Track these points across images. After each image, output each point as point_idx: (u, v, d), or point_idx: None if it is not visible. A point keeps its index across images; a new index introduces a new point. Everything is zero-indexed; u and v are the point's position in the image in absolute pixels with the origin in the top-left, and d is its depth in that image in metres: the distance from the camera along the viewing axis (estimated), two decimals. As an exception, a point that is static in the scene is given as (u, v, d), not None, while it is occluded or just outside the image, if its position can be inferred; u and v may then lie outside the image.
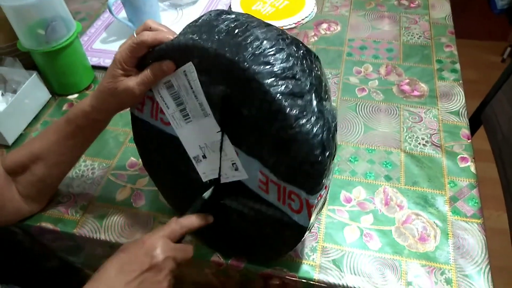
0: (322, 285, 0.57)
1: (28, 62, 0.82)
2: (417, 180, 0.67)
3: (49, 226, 0.64)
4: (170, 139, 0.55)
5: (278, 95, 0.41)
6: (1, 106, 0.75)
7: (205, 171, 0.55)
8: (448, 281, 0.55)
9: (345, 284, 0.56)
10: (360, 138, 0.73)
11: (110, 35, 0.97)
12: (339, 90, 0.82)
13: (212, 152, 0.53)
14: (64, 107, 0.83)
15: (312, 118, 0.42)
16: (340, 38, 0.93)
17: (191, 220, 0.53)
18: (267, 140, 0.45)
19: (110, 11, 0.88)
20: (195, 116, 0.51)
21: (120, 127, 0.78)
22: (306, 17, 0.99)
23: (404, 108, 0.78)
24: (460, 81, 0.82)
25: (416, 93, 0.80)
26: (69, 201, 0.67)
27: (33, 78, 0.79)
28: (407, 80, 0.83)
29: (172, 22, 0.98)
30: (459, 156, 0.69)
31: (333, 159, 0.46)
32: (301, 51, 0.45)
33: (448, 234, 0.60)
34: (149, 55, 0.51)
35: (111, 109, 0.56)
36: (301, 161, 0.43)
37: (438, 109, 0.77)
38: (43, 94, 0.83)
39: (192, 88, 0.49)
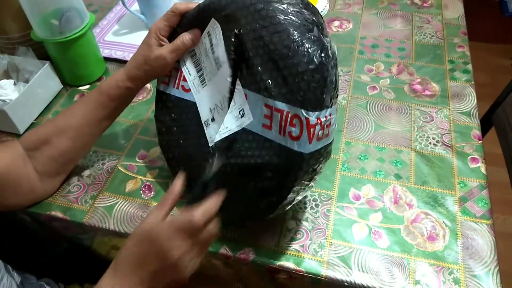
0: (330, 281, 0.57)
1: (41, 52, 0.82)
2: (426, 180, 0.66)
3: (59, 214, 0.65)
4: (189, 106, 0.62)
5: (283, 20, 0.48)
6: (13, 95, 0.76)
7: (212, 135, 0.59)
8: (456, 281, 0.55)
9: (353, 281, 0.56)
10: (370, 136, 0.73)
11: (122, 27, 0.97)
12: (350, 87, 0.82)
13: (221, 111, 0.57)
14: (76, 98, 0.83)
15: (314, 39, 0.48)
16: (352, 36, 0.93)
17: (207, 208, 0.47)
18: (273, 64, 0.49)
19: (123, 3, 0.88)
20: (210, 78, 0.59)
21: (130, 119, 0.78)
22: (318, 14, 0.99)
23: (415, 108, 0.77)
24: (472, 82, 0.81)
25: (427, 92, 0.80)
26: (79, 190, 0.67)
27: (46, 68, 0.80)
28: (419, 80, 0.82)
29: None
30: (470, 156, 0.69)
31: (334, 88, 0.49)
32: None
33: (457, 234, 0.60)
34: (179, 25, 0.60)
35: (144, 76, 0.61)
36: (302, 71, 0.46)
37: (449, 109, 0.76)
38: (55, 84, 0.83)
39: (212, 46, 0.57)
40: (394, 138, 0.73)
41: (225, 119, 0.56)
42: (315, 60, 0.47)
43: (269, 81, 0.49)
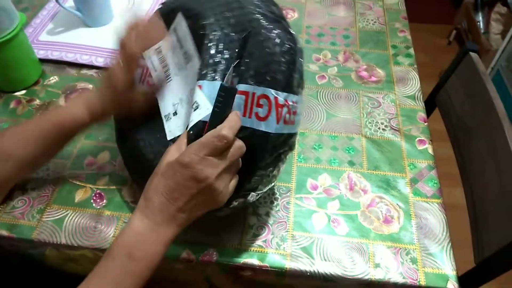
0: (294, 273, 0.57)
1: (-33, 58, 0.75)
2: (378, 164, 0.68)
3: (4, 233, 0.60)
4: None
5: (253, 10, 0.50)
6: None
7: (172, 128, 0.56)
8: (413, 261, 0.58)
9: (316, 271, 0.57)
10: (323, 125, 0.74)
11: (58, 25, 0.91)
12: (299, 77, 0.82)
13: (186, 105, 0.54)
14: (12, 105, 0.77)
15: (283, 27, 0.50)
16: (297, 26, 0.93)
17: (231, 123, 0.44)
18: (240, 47, 0.49)
19: (57, 0, 0.83)
20: (176, 73, 0.57)
21: (74, 124, 0.74)
22: (262, 4, 0.98)
23: (363, 94, 0.79)
24: (415, 66, 0.84)
25: (373, 78, 0.82)
26: (25, 205, 0.63)
27: (-26, 75, 0.73)
28: (365, 66, 0.84)
29: (124, 11, 0.94)
30: (417, 138, 0.72)
31: (301, 78, 0.51)
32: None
33: (410, 215, 0.62)
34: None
35: (111, 113, 0.58)
36: (272, 53, 0.48)
37: (395, 94, 0.79)
38: (-13, 92, 0.77)
39: (179, 41, 0.56)
40: (345, 126, 0.74)
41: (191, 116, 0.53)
42: (286, 44, 0.48)
43: (234, 61, 0.48)
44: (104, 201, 0.64)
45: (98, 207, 0.63)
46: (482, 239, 0.61)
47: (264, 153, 0.49)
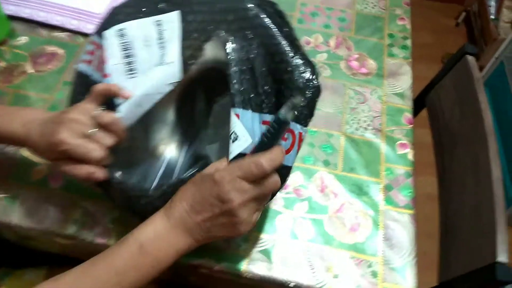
0: (250, 277, 0.55)
1: None
2: (354, 167, 0.65)
3: (-48, 207, 0.57)
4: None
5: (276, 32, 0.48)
6: None
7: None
8: (374, 274, 0.56)
9: (272, 276, 0.55)
10: (302, 118, 0.70)
11: (31, -22, 0.84)
12: (285, 62, 0.77)
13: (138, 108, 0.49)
14: (-26, 65, 0.72)
15: (305, 56, 0.48)
16: (291, 2, 0.87)
17: (273, 156, 0.43)
18: (271, 79, 0.48)
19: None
20: (143, 70, 0.50)
21: (37, 92, 0.69)
22: (257, -27, 0.90)
23: (350, 87, 0.74)
24: (410, 60, 0.79)
25: (363, 70, 0.77)
26: (-24, 179, 0.60)
27: None
28: (356, 55, 0.79)
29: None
30: (399, 142, 0.68)
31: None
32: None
33: (378, 224, 0.60)
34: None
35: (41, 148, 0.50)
36: (298, 87, 0.47)
37: (383, 90, 0.74)
38: None
39: (161, 39, 0.51)
40: (326, 121, 0.70)
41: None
42: (313, 81, 0.47)
43: (264, 96, 0.48)
44: (61, 181, 0.61)
45: (54, 187, 0.60)
46: (449, 257, 0.59)
47: (282, 183, 0.47)
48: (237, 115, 0.46)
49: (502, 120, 1.47)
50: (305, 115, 0.47)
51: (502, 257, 0.46)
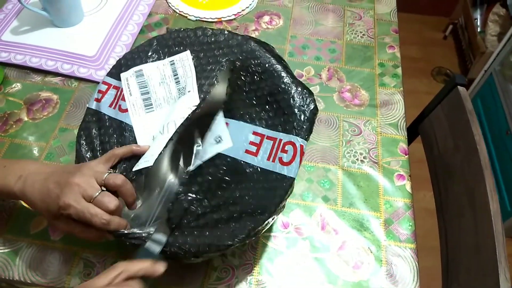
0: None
1: None
2: (353, 201, 0.66)
3: (-49, 266, 0.57)
4: (122, 127, 0.58)
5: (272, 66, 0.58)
6: None
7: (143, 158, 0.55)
8: (379, 313, 0.56)
9: (278, 321, 0.55)
10: (299, 153, 0.70)
11: (23, 23, 0.84)
12: (279, 96, 0.77)
13: (160, 135, 0.56)
14: (-32, 116, 0.72)
15: (298, 82, 0.57)
16: (282, 35, 0.88)
17: (142, 266, 0.45)
18: (269, 98, 0.56)
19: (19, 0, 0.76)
20: (160, 104, 0.59)
21: (32, 141, 0.69)
22: (246, 7, 0.92)
23: (344, 119, 0.75)
24: (401, 88, 0.80)
25: (356, 101, 0.78)
26: (-25, 236, 0.59)
27: None
28: (348, 87, 0.80)
29: (95, 9, 0.87)
30: (396, 173, 0.69)
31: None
32: None
33: (381, 260, 0.60)
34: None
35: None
36: (301, 106, 0.54)
37: (377, 120, 0.75)
38: None
39: (176, 76, 0.60)
40: (323, 155, 0.70)
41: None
42: (310, 101, 0.55)
43: (263, 112, 0.56)
44: (62, 233, 0.60)
45: (55, 239, 0.60)
46: (452, 290, 0.59)
47: (284, 195, 0.51)
48: (227, 124, 0.55)
49: (494, 130, 1.48)
50: (305, 129, 0.53)
51: (506, 296, 0.46)
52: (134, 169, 0.53)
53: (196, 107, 0.57)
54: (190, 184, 0.53)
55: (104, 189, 0.49)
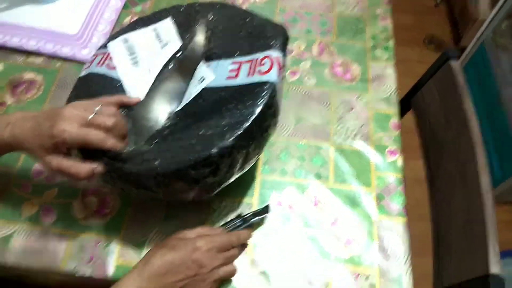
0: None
1: None
2: (345, 178, 0.66)
3: None
4: (111, 82, 0.60)
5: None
6: None
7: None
8: (372, 287, 0.57)
9: (273, 298, 0.56)
10: (291, 131, 0.70)
11: (1, 1, 0.81)
12: (269, 73, 0.76)
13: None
14: (-51, 99, 0.70)
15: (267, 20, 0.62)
16: (270, 9, 0.85)
17: (245, 236, 0.57)
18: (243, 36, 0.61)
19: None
20: (144, 60, 0.62)
21: (21, 125, 0.68)
22: (234, -21, 0.89)
23: (336, 95, 0.74)
24: (393, 62, 0.79)
25: (348, 76, 0.77)
26: (-35, 223, 0.59)
27: None
28: (340, 61, 0.78)
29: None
30: (387, 149, 0.69)
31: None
32: None
33: (373, 235, 0.61)
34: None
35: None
36: (274, 30, 0.60)
37: (369, 95, 0.74)
38: None
39: (160, 40, 0.64)
40: (315, 133, 0.70)
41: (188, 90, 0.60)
42: (282, 28, 0.60)
43: (240, 47, 0.59)
44: (54, 217, 0.60)
45: (47, 223, 0.59)
46: (442, 268, 0.60)
47: (266, 97, 0.52)
48: (208, 66, 0.60)
49: (486, 99, 1.49)
50: (276, 44, 0.57)
51: (495, 269, 0.47)
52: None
53: (179, 49, 0.63)
54: (176, 124, 0.55)
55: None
